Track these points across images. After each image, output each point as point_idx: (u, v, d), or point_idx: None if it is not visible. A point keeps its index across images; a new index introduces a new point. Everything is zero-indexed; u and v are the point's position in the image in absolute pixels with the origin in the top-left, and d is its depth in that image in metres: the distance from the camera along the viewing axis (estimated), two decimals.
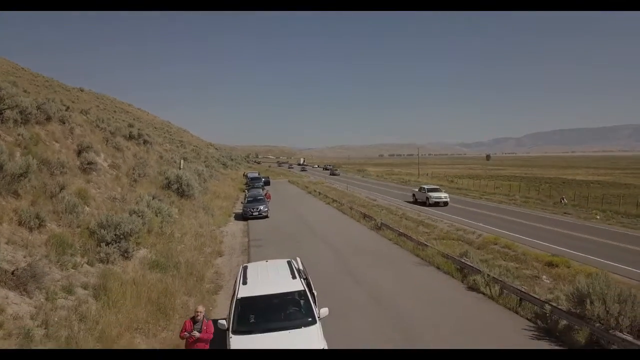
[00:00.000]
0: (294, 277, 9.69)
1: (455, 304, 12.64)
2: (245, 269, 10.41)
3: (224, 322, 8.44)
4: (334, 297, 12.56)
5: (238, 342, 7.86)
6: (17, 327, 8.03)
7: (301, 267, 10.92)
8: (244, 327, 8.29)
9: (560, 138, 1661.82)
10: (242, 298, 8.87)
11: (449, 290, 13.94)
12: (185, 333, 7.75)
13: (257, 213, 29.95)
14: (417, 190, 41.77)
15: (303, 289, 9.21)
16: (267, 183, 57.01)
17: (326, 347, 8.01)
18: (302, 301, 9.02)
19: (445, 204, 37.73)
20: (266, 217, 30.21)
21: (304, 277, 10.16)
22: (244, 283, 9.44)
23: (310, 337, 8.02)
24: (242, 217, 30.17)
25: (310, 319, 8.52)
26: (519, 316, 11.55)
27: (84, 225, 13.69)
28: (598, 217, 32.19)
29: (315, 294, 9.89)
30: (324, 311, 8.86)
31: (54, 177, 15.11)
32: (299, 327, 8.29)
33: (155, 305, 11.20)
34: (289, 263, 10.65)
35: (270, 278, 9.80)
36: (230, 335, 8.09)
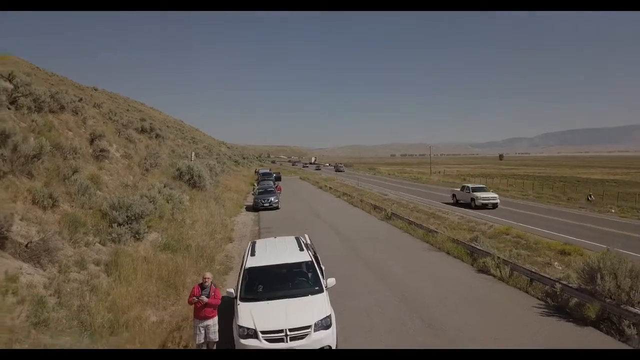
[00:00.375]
0: (301, 249, 9.80)
1: (463, 284, 12.63)
2: (253, 243, 10.53)
3: (232, 290, 8.53)
4: (344, 277, 12.59)
5: (245, 308, 7.92)
6: (31, 295, 8.18)
7: (309, 243, 10.97)
8: (251, 294, 8.37)
9: (574, 138, 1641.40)
10: (249, 268, 8.96)
11: (458, 272, 13.92)
12: (194, 298, 7.83)
13: (267, 204, 30.23)
14: (458, 189, 35.58)
15: (310, 259, 9.29)
16: (278, 178, 57.22)
17: (333, 314, 8.04)
18: (309, 271, 9.10)
19: (495, 205, 31.75)
20: (277, 208, 30.45)
21: (312, 251, 10.21)
22: (252, 255, 9.55)
23: (318, 304, 8.07)
24: (253, 208, 30.47)
25: (317, 288, 8.57)
26: (529, 295, 11.50)
27: (96, 207, 13.88)
28: (613, 210, 31.82)
29: (324, 268, 9.92)
30: (331, 281, 8.92)
31: (66, 161, 15.30)
32: (306, 295, 8.35)
33: (166, 282, 11.35)
34: (297, 238, 10.76)
35: (278, 250, 9.91)
36: (238, 302, 8.17)
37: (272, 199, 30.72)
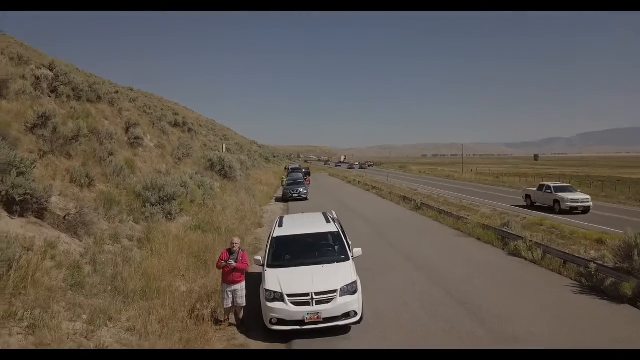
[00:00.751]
0: (328, 222, 9.89)
1: (493, 265, 12.47)
2: (281, 217, 10.72)
3: (259, 258, 8.68)
4: (372, 258, 12.69)
5: (272, 273, 8.04)
6: (68, 261, 8.51)
7: (335, 217, 11.04)
8: (278, 262, 8.49)
9: (615, 138, 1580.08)
10: (277, 237, 9.12)
11: (487, 255, 13.73)
12: (222, 262, 7.99)
13: (296, 195, 30.64)
14: (534, 189, 29.07)
15: (337, 230, 9.38)
16: (307, 174, 57.56)
17: (359, 281, 8.05)
18: (335, 240, 9.20)
19: (586, 210, 25.08)
20: (305, 199, 30.77)
21: (338, 224, 10.26)
22: (280, 226, 9.70)
23: (344, 271, 8.11)
24: (283, 199, 30.88)
25: (343, 256, 8.63)
26: (562, 276, 11.22)
27: (130, 189, 14.32)
28: None
29: (350, 243, 9.94)
30: (357, 251, 8.96)
31: (103, 146, 15.82)
32: (332, 262, 8.41)
33: (196, 257, 11.62)
34: (324, 213, 10.89)
35: (305, 223, 10.06)
36: (265, 268, 8.30)
37: (301, 190, 31.13)
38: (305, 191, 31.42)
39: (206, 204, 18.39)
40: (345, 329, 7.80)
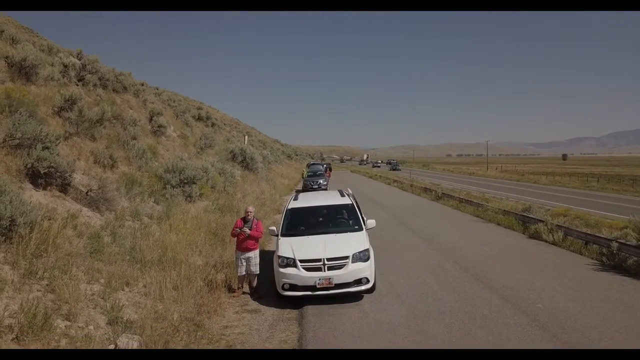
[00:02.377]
0: (342, 196, 9.96)
1: (511, 246, 12.35)
2: (297, 193, 10.82)
3: (274, 228, 8.80)
4: (390, 240, 12.80)
5: (286, 241, 8.14)
6: (88, 231, 8.76)
7: (351, 193, 11.10)
8: (292, 231, 8.59)
9: None
10: (292, 208, 9.24)
11: (507, 238, 13.61)
12: (237, 229, 8.12)
13: (316, 186, 30.83)
14: None
15: (351, 203, 9.44)
16: (328, 168, 57.75)
17: (372, 251, 8.07)
18: (349, 213, 9.29)
19: None
20: (325, 190, 30.83)
21: (353, 198, 10.32)
22: (295, 200, 9.82)
23: (356, 239, 8.17)
24: (303, 190, 30.95)
25: (357, 227, 8.67)
26: (583, 256, 11.01)
27: (151, 172, 14.63)
28: None
29: (366, 219, 9.97)
30: (371, 222, 9.02)
31: (126, 131, 16.19)
32: (345, 232, 8.45)
33: (214, 234, 11.81)
34: (339, 190, 10.95)
35: (320, 198, 10.18)
36: (279, 237, 8.41)
37: (321, 182, 31.36)
38: (325, 182, 31.67)
39: (226, 191, 18.62)
40: (357, 297, 7.84)
